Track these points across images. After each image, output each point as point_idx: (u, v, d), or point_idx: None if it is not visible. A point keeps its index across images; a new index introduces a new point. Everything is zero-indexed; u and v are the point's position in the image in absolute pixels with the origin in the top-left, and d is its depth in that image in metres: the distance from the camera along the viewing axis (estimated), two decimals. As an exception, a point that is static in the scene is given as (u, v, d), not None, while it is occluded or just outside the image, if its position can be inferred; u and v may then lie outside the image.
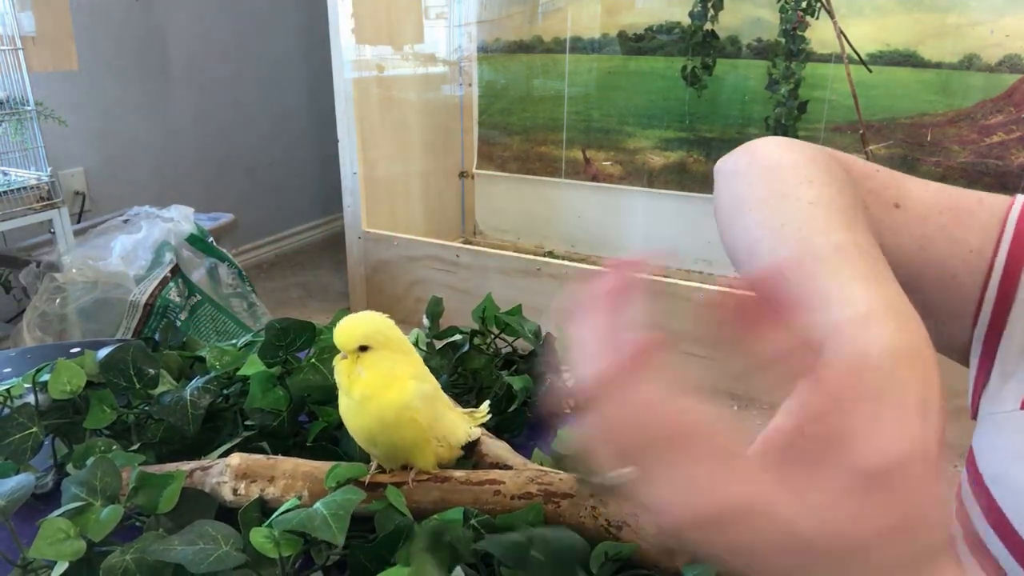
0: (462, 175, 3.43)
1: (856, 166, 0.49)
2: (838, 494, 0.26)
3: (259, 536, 0.48)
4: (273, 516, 0.50)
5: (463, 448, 0.62)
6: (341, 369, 0.57)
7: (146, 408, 0.67)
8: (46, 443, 0.64)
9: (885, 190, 0.49)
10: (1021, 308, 0.46)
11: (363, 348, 0.56)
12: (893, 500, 0.27)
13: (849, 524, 0.26)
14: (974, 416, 0.50)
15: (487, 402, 0.68)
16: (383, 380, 0.56)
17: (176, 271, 2.13)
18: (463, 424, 0.62)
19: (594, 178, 3.18)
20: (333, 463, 0.57)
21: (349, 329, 0.57)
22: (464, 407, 0.70)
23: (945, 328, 0.49)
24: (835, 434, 0.27)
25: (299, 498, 0.54)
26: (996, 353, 0.48)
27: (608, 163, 3.14)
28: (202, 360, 0.76)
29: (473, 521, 0.51)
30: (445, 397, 0.63)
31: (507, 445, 0.64)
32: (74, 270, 2.03)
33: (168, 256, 2.13)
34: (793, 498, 0.26)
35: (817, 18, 2.50)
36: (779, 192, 0.43)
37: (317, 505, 0.50)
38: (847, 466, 0.26)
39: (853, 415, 0.27)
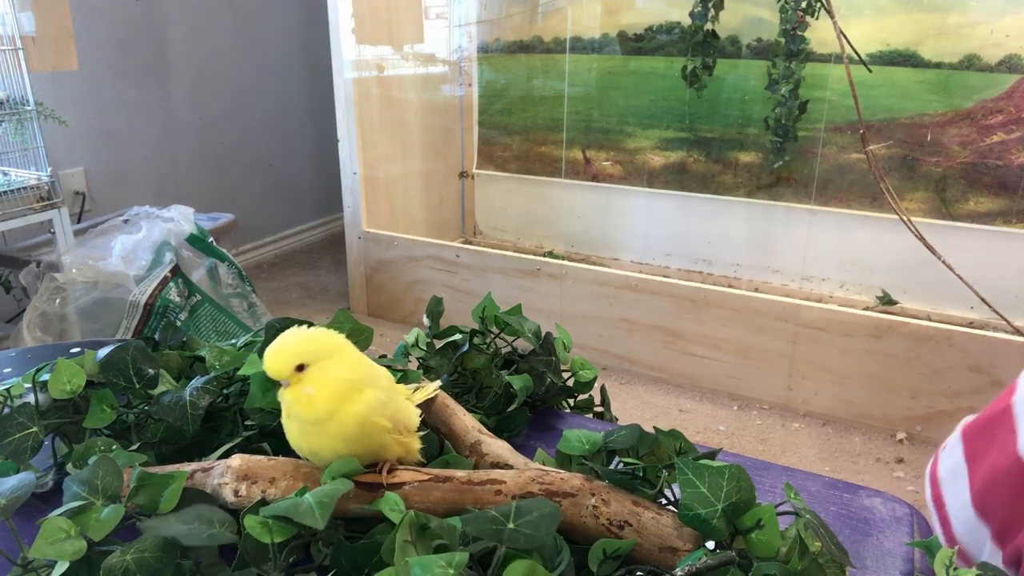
0: (462, 175, 3.43)
1: None
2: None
3: (252, 521, 0.49)
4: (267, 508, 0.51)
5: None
6: (290, 399, 0.55)
7: (146, 408, 0.67)
8: (46, 443, 0.65)
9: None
10: None
11: (300, 368, 0.54)
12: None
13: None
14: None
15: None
16: (336, 393, 0.54)
17: (176, 271, 2.13)
18: (411, 406, 0.61)
19: (594, 178, 3.18)
20: (332, 462, 0.57)
21: (278, 356, 0.54)
22: (464, 407, 0.70)
23: None
24: None
25: (299, 498, 0.54)
26: None
27: (608, 163, 3.14)
28: (202, 360, 0.76)
29: (473, 520, 0.51)
30: (391, 379, 0.61)
31: (508, 445, 0.64)
32: (74, 270, 2.03)
33: (168, 256, 2.13)
34: None
35: (817, 18, 2.50)
36: None
37: (306, 495, 0.51)
38: None
39: None
